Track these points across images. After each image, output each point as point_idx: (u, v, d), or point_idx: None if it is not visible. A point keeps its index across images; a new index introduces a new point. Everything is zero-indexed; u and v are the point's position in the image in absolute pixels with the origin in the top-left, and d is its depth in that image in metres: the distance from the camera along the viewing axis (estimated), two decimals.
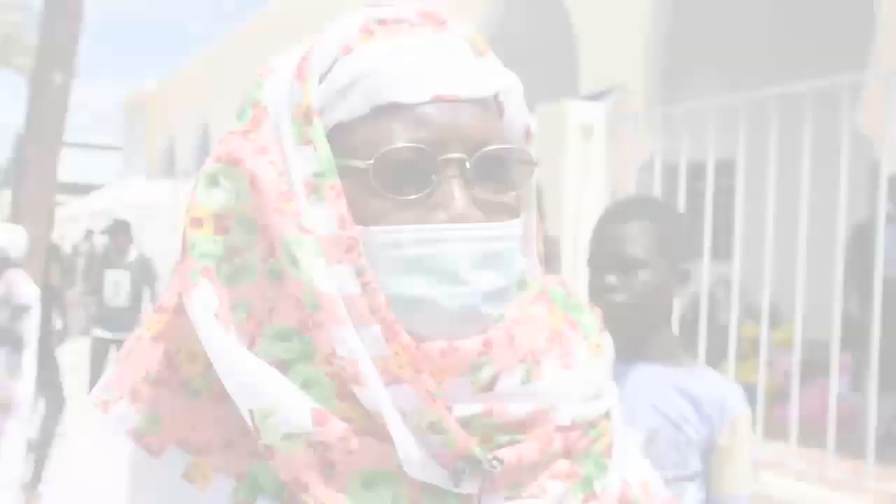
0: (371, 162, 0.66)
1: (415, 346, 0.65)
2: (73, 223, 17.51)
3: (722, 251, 8.21)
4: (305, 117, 0.68)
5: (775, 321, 7.27)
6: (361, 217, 0.67)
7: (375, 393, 0.63)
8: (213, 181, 0.68)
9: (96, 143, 31.73)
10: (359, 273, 0.64)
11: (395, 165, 0.67)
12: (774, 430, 4.75)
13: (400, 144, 0.67)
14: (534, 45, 11.81)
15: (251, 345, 0.66)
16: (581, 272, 4.67)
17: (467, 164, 0.68)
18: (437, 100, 0.68)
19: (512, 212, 0.72)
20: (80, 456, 0.70)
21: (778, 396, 6.80)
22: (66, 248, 14.28)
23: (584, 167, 4.66)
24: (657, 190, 4.40)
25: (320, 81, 0.70)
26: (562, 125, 4.66)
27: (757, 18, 9.52)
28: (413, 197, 0.67)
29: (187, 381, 0.69)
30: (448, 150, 0.68)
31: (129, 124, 25.05)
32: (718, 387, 1.77)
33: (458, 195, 0.67)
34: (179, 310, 0.70)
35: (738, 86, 8.46)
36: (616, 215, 1.78)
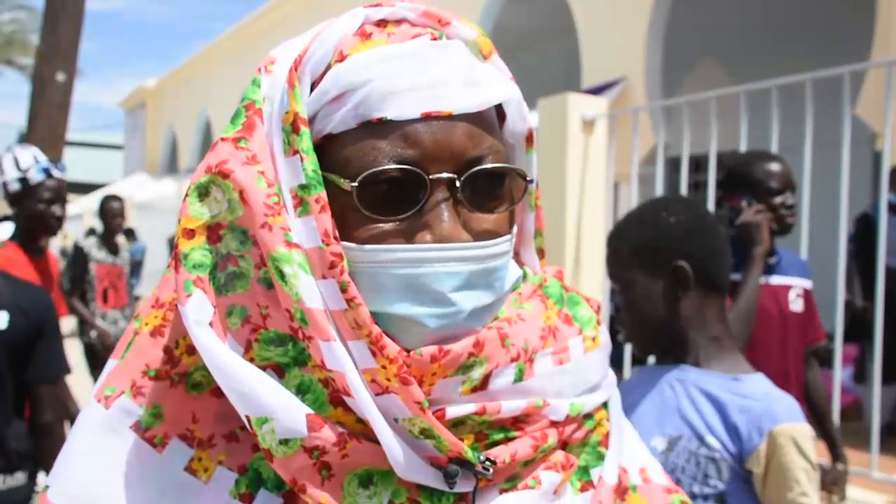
0: (355, 185, 0.65)
1: (405, 355, 0.65)
2: (76, 222, 17.54)
3: None
4: (293, 126, 0.67)
5: None
6: (347, 233, 0.67)
7: (364, 403, 0.64)
8: (204, 192, 0.68)
9: (98, 142, 31.74)
10: (342, 289, 0.64)
11: (381, 186, 0.66)
12: None
13: (385, 166, 0.65)
14: (535, 38, 11.81)
15: (247, 349, 0.67)
16: (584, 264, 4.68)
17: (457, 184, 0.67)
18: (428, 117, 0.66)
19: (503, 228, 0.71)
20: (83, 450, 0.70)
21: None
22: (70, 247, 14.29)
23: (586, 160, 4.66)
24: (659, 182, 4.40)
25: (313, 88, 0.69)
26: (563, 118, 4.66)
27: (757, 9, 9.49)
28: (398, 218, 0.67)
29: (188, 373, 0.70)
30: (438, 169, 0.66)
31: (131, 122, 25.04)
32: (756, 395, 1.52)
33: (445, 216, 0.66)
34: (175, 305, 0.71)
35: (738, 77, 8.45)
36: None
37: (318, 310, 0.64)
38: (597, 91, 8.03)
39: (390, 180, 0.66)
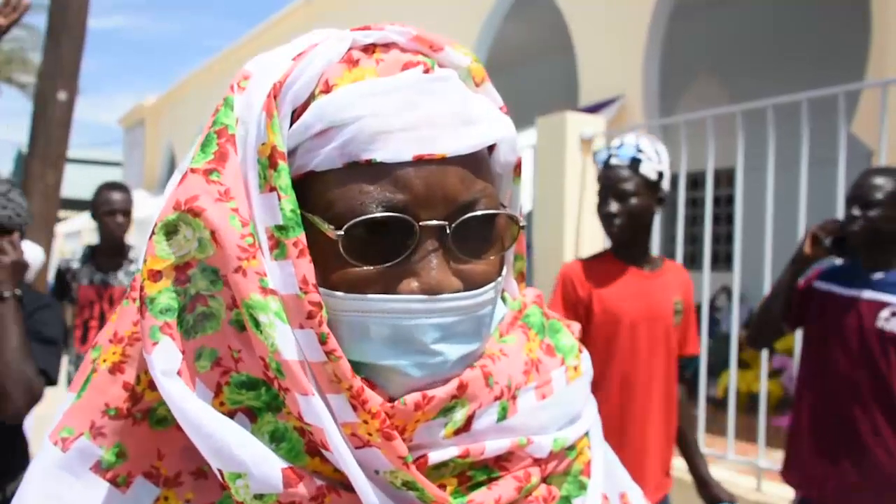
0: (341, 233, 0.61)
1: (388, 406, 0.62)
2: (73, 239, 17.54)
3: (722, 260, 8.19)
4: (270, 160, 0.62)
5: None
6: (327, 278, 0.63)
7: (343, 459, 0.61)
8: (172, 230, 0.64)
9: (96, 159, 31.81)
10: (321, 341, 0.60)
11: (368, 233, 0.62)
12: (777, 438, 4.76)
13: (373, 213, 0.61)
14: (533, 55, 11.87)
15: (217, 393, 0.63)
16: None
17: (448, 231, 0.63)
18: (420, 160, 0.62)
19: (492, 273, 0.67)
20: (39, 497, 0.65)
21: (781, 405, 6.82)
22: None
23: (585, 178, 4.69)
24: None
25: (294, 118, 0.64)
26: (562, 137, 4.69)
27: (754, 28, 9.57)
28: (385, 266, 0.62)
29: (152, 409, 0.66)
30: (428, 216, 0.62)
31: (130, 139, 25.10)
32: None
33: (434, 264, 0.62)
34: (135, 339, 0.67)
35: (736, 94, 8.50)
36: None
37: (295, 362, 0.60)
38: (595, 109, 8.07)
39: (377, 227, 0.62)
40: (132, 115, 24.70)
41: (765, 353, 3.97)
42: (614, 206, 2.73)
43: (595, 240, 4.69)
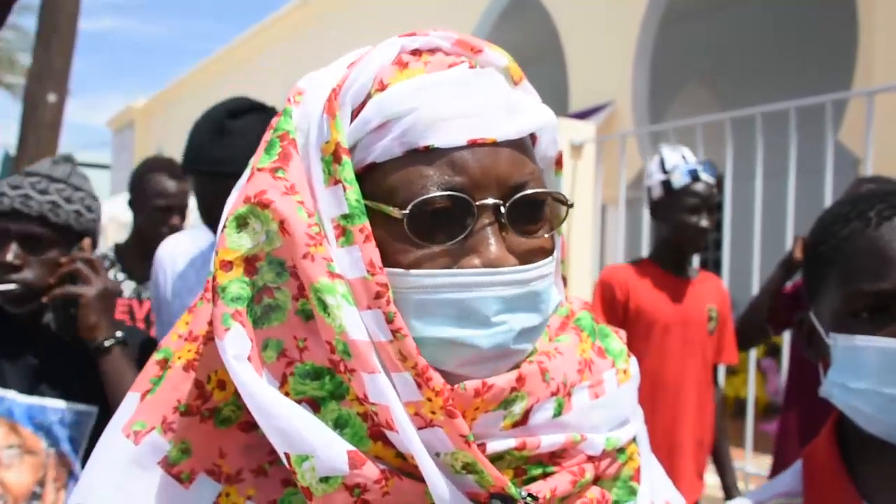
0: (406, 212, 0.65)
1: (449, 389, 0.64)
2: None
3: (710, 266, 8.25)
4: (334, 156, 0.67)
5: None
6: (391, 260, 0.66)
7: (408, 438, 0.63)
8: (242, 223, 0.68)
9: (84, 161, 31.66)
10: (388, 320, 0.64)
11: (430, 214, 0.66)
12: (764, 444, 4.79)
13: (435, 193, 0.65)
14: (523, 63, 11.88)
15: (282, 383, 0.66)
16: (572, 287, 4.70)
17: (503, 209, 0.67)
18: (474, 144, 0.67)
19: (545, 251, 0.71)
20: (109, 487, 0.69)
21: (768, 410, 6.85)
22: None
23: (575, 184, 4.71)
24: (646, 206, 4.46)
25: (353, 117, 0.68)
26: None
27: (743, 35, 9.64)
28: (446, 245, 0.67)
29: (218, 409, 0.69)
30: (484, 196, 0.67)
31: (119, 142, 25.00)
32: None
33: (492, 241, 0.66)
34: (209, 338, 0.70)
35: (725, 101, 8.56)
36: None
37: (363, 341, 0.63)
38: (585, 115, 8.11)
39: (438, 209, 0.66)
40: (121, 118, 24.60)
41: (753, 359, 3.99)
42: (705, 221, 2.85)
43: (585, 244, 4.71)
